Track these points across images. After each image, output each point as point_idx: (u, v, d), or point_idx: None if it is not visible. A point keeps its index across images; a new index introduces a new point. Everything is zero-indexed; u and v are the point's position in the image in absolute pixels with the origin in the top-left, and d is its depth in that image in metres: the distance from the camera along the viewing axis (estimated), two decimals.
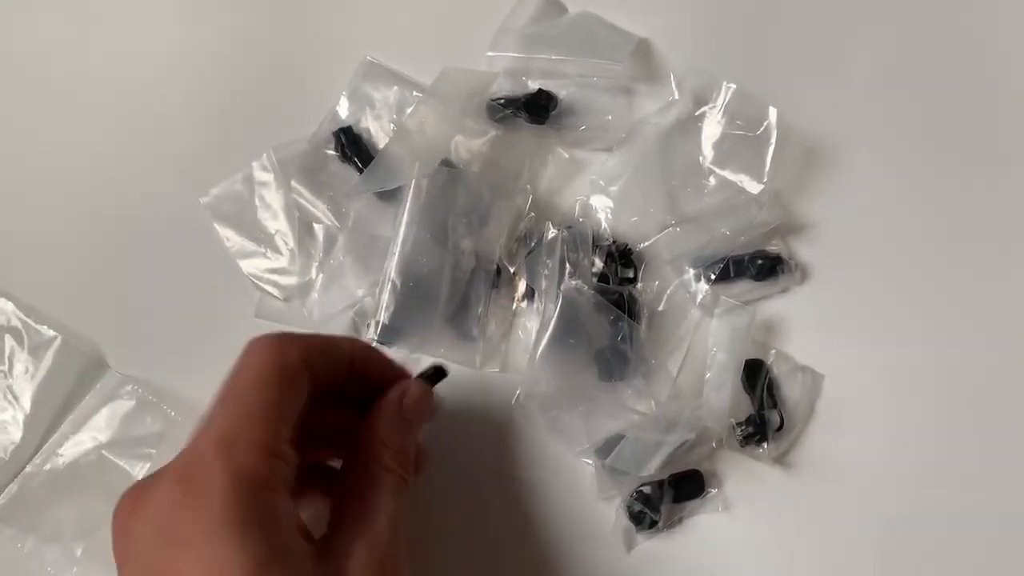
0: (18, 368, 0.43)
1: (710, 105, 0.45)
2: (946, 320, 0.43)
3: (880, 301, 0.44)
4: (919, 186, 0.46)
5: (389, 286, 0.41)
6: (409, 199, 0.42)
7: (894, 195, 0.45)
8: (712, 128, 0.45)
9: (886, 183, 0.46)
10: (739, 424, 0.41)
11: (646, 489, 0.40)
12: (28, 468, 0.41)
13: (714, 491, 0.40)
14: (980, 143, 0.46)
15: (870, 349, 0.43)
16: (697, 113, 0.45)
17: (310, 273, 0.43)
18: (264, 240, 0.44)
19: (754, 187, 0.44)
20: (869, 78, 0.47)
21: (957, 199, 0.45)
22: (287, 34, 0.49)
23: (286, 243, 0.44)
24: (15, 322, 0.43)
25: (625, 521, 0.40)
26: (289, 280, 0.43)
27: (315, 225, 0.44)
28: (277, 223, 0.44)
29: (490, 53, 0.46)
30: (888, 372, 0.43)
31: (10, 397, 0.42)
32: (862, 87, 0.47)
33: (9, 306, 0.44)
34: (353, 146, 0.45)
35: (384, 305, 0.41)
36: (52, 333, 0.43)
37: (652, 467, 0.38)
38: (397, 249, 0.41)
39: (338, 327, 0.43)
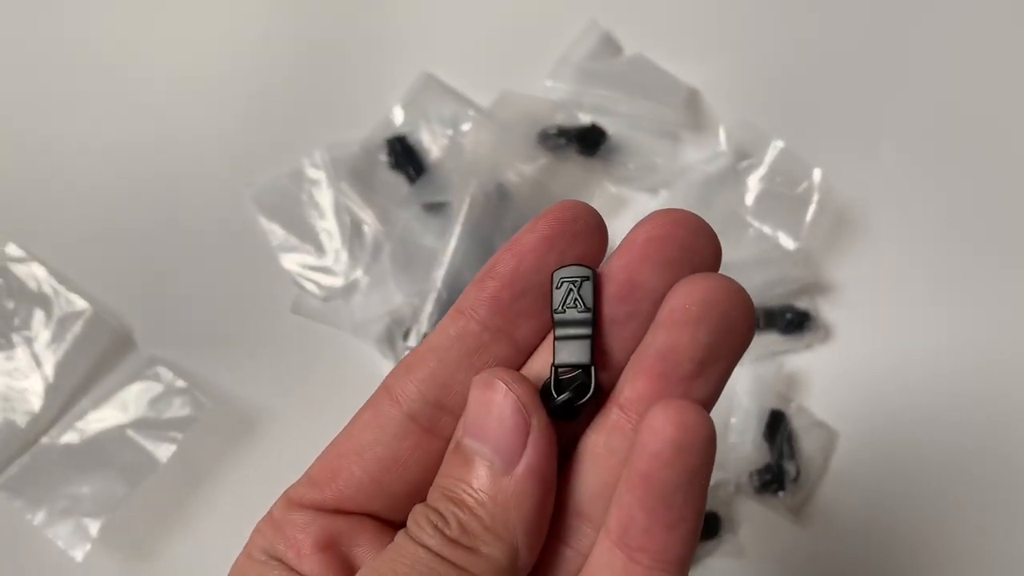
0: (44, 336, 0.42)
1: (755, 159, 0.46)
2: (962, 391, 0.45)
3: (898, 366, 0.45)
4: (943, 261, 0.47)
5: (435, 296, 0.41)
6: (463, 214, 0.42)
7: (919, 267, 0.47)
8: (755, 182, 0.46)
9: (912, 255, 0.47)
10: (757, 471, 0.42)
11: None
12: (43, 439, 0.41)
13: (729, 535, 0.41)
14: (1004, 225, 0.48)
15: (886, 412, 0.44)
16: (741, 166, 0.47)
17: (355, 275, 0.43)
18: (309, 237, 0.44)
19: (790, 244, 0.45)
20: (903, 152, 0.49)
21: (979, 279, 0.47)
22: (347, 37, 0.50)
23: (331, 242, 0.44)
24: (46, 289, 0.43)
25: None
26: (330, 279, 0.44)
27: (365, 228, 0.44)
28: (324, 222, 0.44)
29: (549, 83, 0.47)
30: (902, 437, 0.44)
31: (34, 363, 0.41)
32: (896, 160, 0.49)
33: (42, 272, 0.43)
34: (406, 155, 0.46)
35: (428, 314, 0.41)
36: (84, 304, 0.42)
37: None
38: (446, 260, 0.42)
39: (375, 331, 0.43)
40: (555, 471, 0.20)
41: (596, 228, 0.21)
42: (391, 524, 0.23)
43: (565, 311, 0.21)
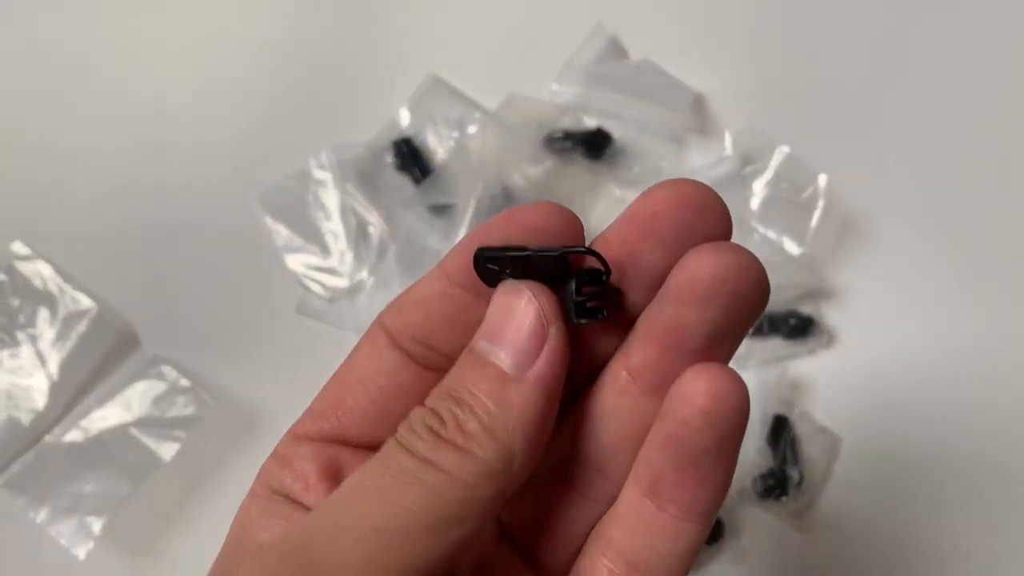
0: (49, 334, 0.42)
1: (760, 165, 0.46)
2: (964, 398, 0.45)
3: (902, 372, 0.45)
4: (947, 267, 0.47)
5: None
6: (469, 216, 0.42)
7: (923, 273, 0.47)
8: (760, 187, 0.46)
9: (916, 261, 0.47)
10: (760, 476, 0.42)
11: None
12: (47, 438, 0.41)
13: (732, 541, 0.41)
14: (1009, 232, 0.48)
15: (890, 418, 0.44)
16: (747, 171, 0.47)
17: (360, 276, 0.43)
18: (314, 238, 0.44)
19: (795, 249, 0.45)
20: (909, 159, 0.49)
21: (984, 286, 0.47)
22: (354, 38, 0.50)
23: (336, 243, 0.44)
24: (52, 287, 0.43)
25: None
26: (335, 280, 0.44)
27: (370, 229, 0.44)
28: (330, 223, 0.44)
29: (555, 86, 0.47)
30: (905, 443, 0.44)
31: (38, 362, 0.41)
32: (902, 166, 0.49)
33: (48, 270, 0.43)
34: (412, 157, 0.46)
35: None
36: (89, 302, 0.42)
37: None
38: None
39: None
40: (562, 386, 0.20)
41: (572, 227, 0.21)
42: None
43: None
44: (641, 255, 0.20)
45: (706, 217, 0.20)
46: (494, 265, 0.20)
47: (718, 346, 0.20)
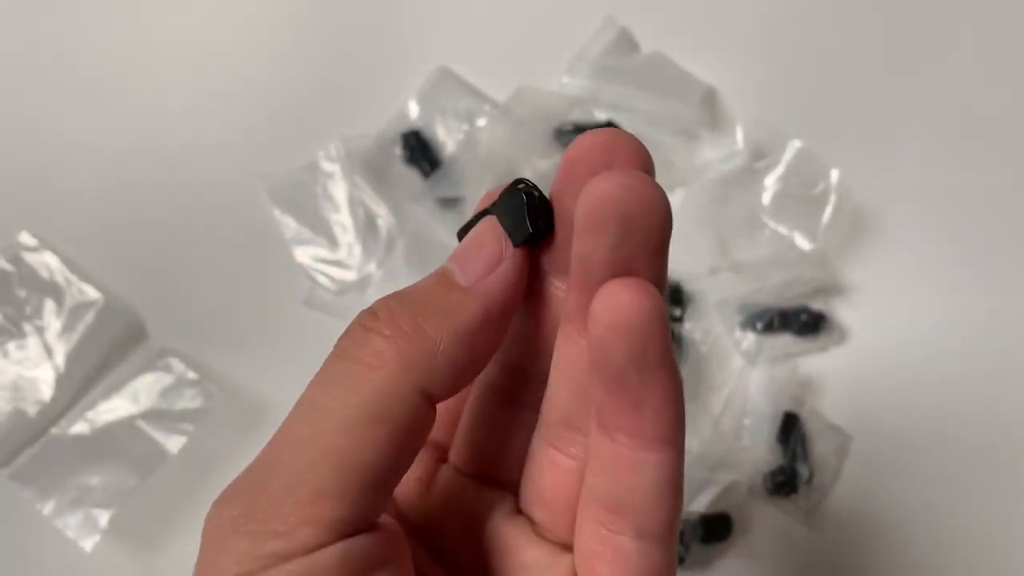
0: (56, 325, 0.42)
1: (772, 159, 0.46)
2: (976, 396, 0.45)
3: (914, 370, 0.45)
4: (959, 264, 0.47)
5: None
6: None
7: (935, 270, 0.47)
8: (772, 182, 0.46)
9: (928, 258, 0.47)
10: (770, 473, 0.42)
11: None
12: (54, 430, 0.40)
13: (741, 537, 0.41)
14: (1022, 229, 0.48)
15: (901, 416, 0.44)
16: (758, 165, 0.46)
17: (368, 268, 0.43)
18: (323, 230, 0.44)
19: (806, 244, 0.45)
20: (921, 154, 0.48)
21: (996, 283, 0.47)
22: (363, 30, 0.49)
23: (344, 236, 0.44)
24: (58, 278, 0.43)
25: None
26: (343, 273, 0.43)
27: (378, 222, 0.44)
28: (338, 215, 0.44)
29: (565, 79, 0.47)
30: (916, 440, 0.44)
31: (45, 353, 0.41)
32: (914, 162, 0.48)
33: (55, 261, 0.43)
34: (420, 150, 0.45)
35: None
36: (96, 294, 0.42)
37: (702, 503, 0.38)
38: None
39: None
40: (509, 309, 0.21)
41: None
42: None
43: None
44: (563, 201, 0.21)
45: (618, 157, 0.20)
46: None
47: (625, 274, 0.19)
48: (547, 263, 0.22)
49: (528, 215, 0.21)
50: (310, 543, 0.18)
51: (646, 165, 0.20)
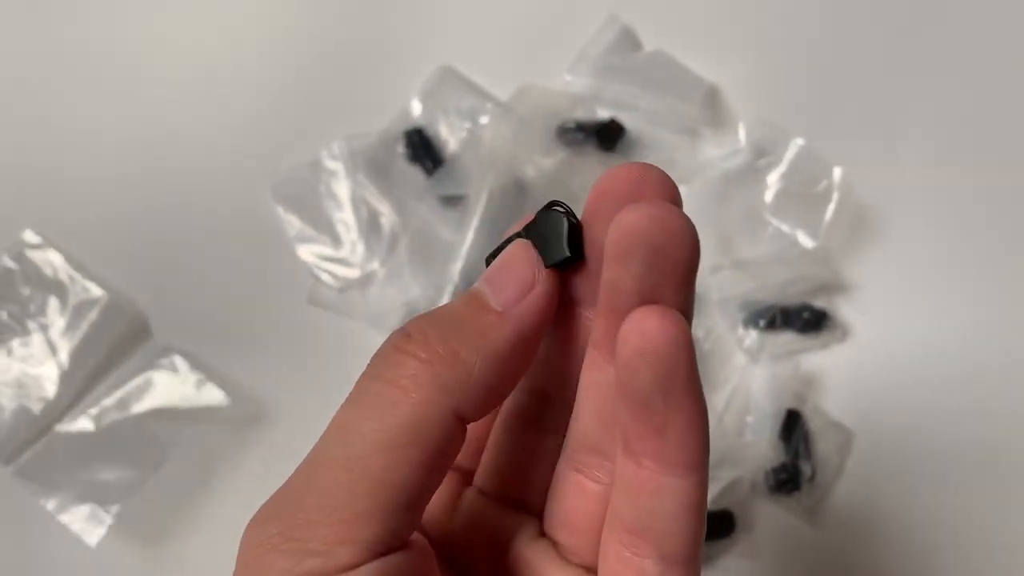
0: (60, 323, 0.42)
1: (774, 157, 0.46)
2: (978, 393, 0.45)
3: (916, 367, 0.45)
4: (962, 262, 0.47)
5: (451, 289, 0.41)
6: (480, 207, 0.42)
7: (937, 268, 0.47)
8: (774, 180, 0.46)
9: (931, 256, 0.47)
10: (773, 470, 0.42)
11: None
12: (58, 426, 0.41)
13: (744, 534, 0.41)
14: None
15: (903, 413, 0.44)
16: (760, 163, 0.46)
17: (371, 266, 0.43)
18: (326, 228, 0.44)
19: (809, 242, 0.45)
20: (924, 152, 0.48)
21: (999, 280, 0.47)
22: (367, 29, 0.49)
23: (348, 233, 0.44)
24: (62, 276, 0.43)
25: None
26: (346, 270, 0.43)
27: (382, 220, 0.44)
28: (342, 213, 0.44)
29: (568, 77, 0.47)
30: (918, 438, 0.44)
31: (48, 350, 0.41)
32: (917, 160, 0.48)
33: (59, 258, 0.43)
34: (423, 148, 0.45)
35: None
36: (100, 291, 0.42)
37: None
38: (463, 253, 0.42)
39: (391, 323, 0.43)
40: (540, 332, 0.21)
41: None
42: None
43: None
44: (592, 231, 0.21)
45: (647, 190, 0.20)
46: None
47: (653, 302, 0.20)
48: (575, 290, 0.22)
49: (568, 237, 0.21)
50: (348, 562, 0.19)
51: (674, 198, 0.20)
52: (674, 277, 0.19)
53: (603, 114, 0.47)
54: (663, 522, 0.20)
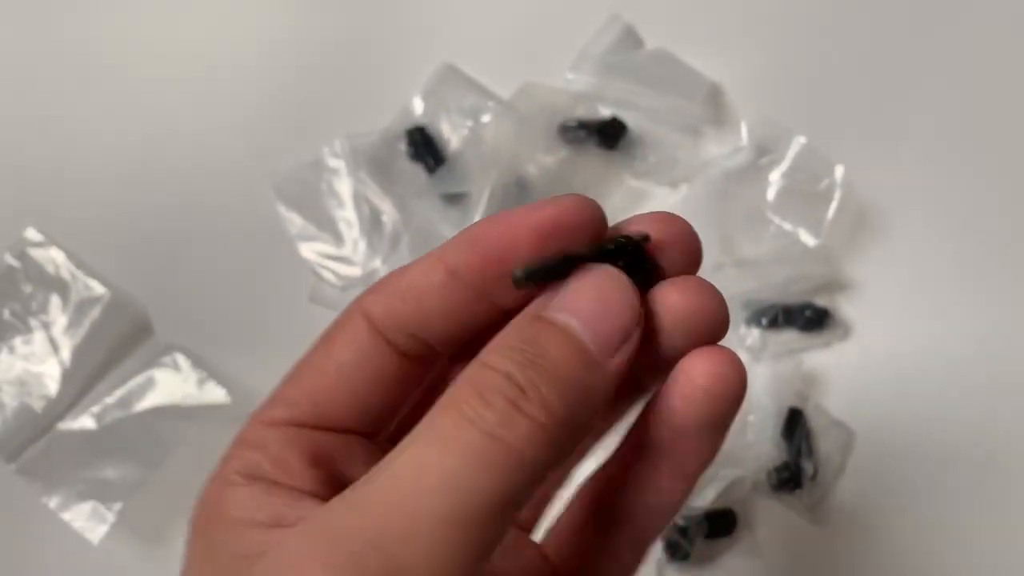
0: (62, 321, 0.42)
1: (777, 155, 0.46)
2: (980, 392, 0.45)
3: (918, 365, 0.45)
4: (964, 260, 0.47)
5: None
6: (482, 205, 0.42)
7: (939, 266, 0.47)
8: (776, 178, 0.46)
9: (933, 254, 0.47)
10: (775, 469, 0.42)
11: (681, 521, 0.40)
12: (60, 425, 0.41)
13: (746, 533, 0.41)
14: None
15: (904, 411, 0.44)
16: (763, 161, 0.46)
17: (373, 264, 0.43)
18: (327, 226, 0.44)
19: (811, 240, 0.45)
20: (926, 151, 0.48)
21: (1000, 279, 0.47)
22: (369, 27, 0.49)
23: (349, 232, 0.44)
24: (64, 274, 0.43)
25: (659, 552, 0.40)
26: (348, 269, 0.43)
27: (383, 218, 0.44)
28: (343, 211, 0.44)
29: (570, 75, 0.47)
30: (920, 436, 0.44)
31: (51, 348, 0.41)
32: (919, 158, 0.48)
33: (61, 256, 0.43)
34: (425, 146, 0.45)
35: None
36: (102, 289, 0.42)
37: (707, 499, 0.38)
38: None
39: None
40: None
41: (599, 223, 0.21)
42: (377, 444, 0.22)
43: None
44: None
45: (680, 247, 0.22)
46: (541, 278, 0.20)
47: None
48: None
49: (647, 271, 0.21)
50: None
51: (698, 249, 0.23)
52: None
53: (605, 112, 0.47)
54: (651, 516, 0.22)
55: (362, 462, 0.21)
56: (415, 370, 0.22)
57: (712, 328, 0.20)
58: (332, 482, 0.20)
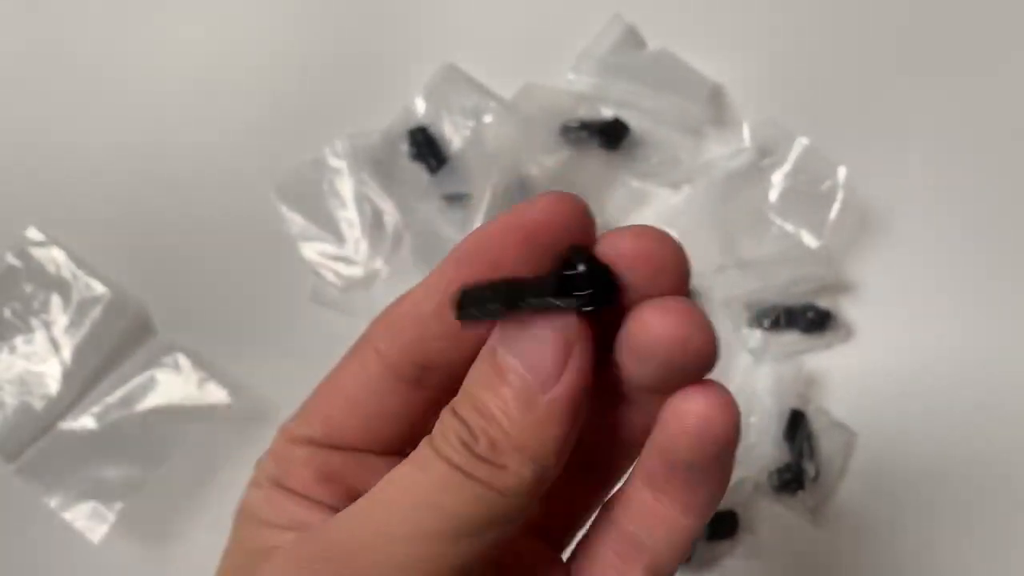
0: (63, 320, 0.42)
1: (779, 156, 0.46)
2: (982, 394, 0.45)
3: (920, 368, 0.45)
4: (967, 262, 0.47)
5: None
6: (484, 206, 0.42)
7: (942, 268, 0.46)
8: (779, 179, 0.46)
9: (935, 256, 0.47)
10: (776, 471, 0.42)
11: None
12: (61, 424, 0.41)
13: (747, 535, 0.41)
14: None
15: (907, 414, 0.44)
16: (765, 163, 0.46)
17: (375, 264, 0.43)
18: (329, 226, 0.44)
19: (813, 242, 0.45)
20: (929, 152, 0.48)
21: (1003, 281, 0.47)
22: (370, 27, 0.49)
23: (351, 232, 0.44)
24: (65, 273, 0.43)
25: None
26: (350, 269, 0.43)
27: (385, 218, 0.44)
28: (345, 211, 0.44)
29: (571, 76, 0.47)
30: (922, 439, 0.44)
31: (51, 348, 0.41)
32: (922, 160, 0.48)
33: (62, 256, 0.43)
34: (427, 146, 0.45)
35: None
36: (103, 289, 0.42)
37: None
38: None
39: None
40: (588, 392, 0.20)
41: (582, 220, 0.20)
42: (391, 457, 0.23)
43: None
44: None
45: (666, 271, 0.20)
46: (481, 308, 0.20)
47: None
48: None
49: (603, 285, 0.19)
50: None
51: (686, 267, 0.21)
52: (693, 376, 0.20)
53: (607, 113, 0.47)
54: (662, 546, 0.21)
55: (380, 477, 0.22)
56: (426, 394, 0.22)
57: (697, 361, 0.19)
58: (348, 495, 0.22)
